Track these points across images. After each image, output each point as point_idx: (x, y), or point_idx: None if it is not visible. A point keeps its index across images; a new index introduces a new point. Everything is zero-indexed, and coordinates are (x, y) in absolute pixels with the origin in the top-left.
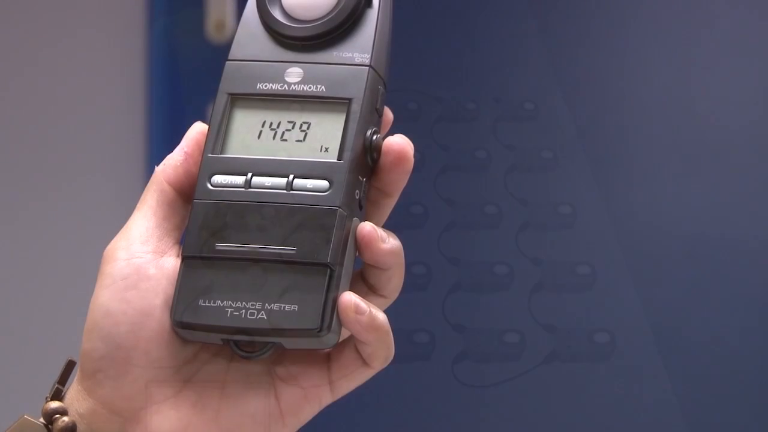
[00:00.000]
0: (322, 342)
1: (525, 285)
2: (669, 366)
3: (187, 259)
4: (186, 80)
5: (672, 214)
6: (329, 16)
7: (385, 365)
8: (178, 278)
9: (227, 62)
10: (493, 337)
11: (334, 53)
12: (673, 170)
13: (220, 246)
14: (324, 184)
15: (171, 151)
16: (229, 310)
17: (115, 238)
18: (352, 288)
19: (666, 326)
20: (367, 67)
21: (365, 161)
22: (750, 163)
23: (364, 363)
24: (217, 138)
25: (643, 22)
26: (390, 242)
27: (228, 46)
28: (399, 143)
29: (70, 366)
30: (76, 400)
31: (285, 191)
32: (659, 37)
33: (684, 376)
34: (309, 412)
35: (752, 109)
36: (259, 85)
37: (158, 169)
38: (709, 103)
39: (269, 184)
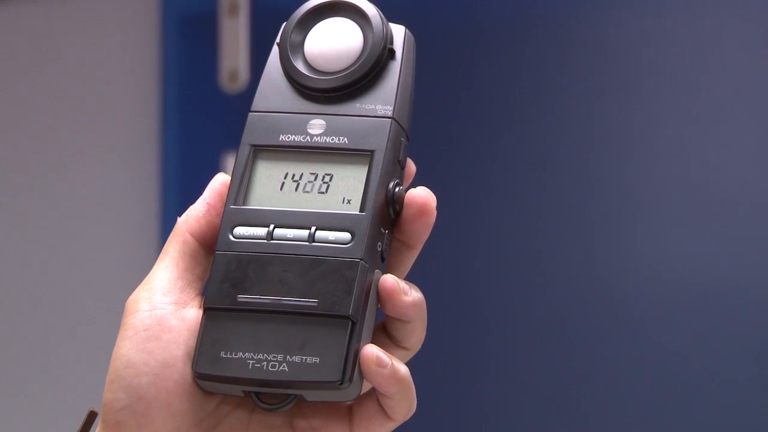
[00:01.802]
0: (343, 394)
1: (530, 331)
2: (675, 414)
3: (208, 311)
4: (199, 130)
5: (680, 263)
6: (352, 68)
7: (408, 418)
8: (199, 330)
9: (250, 113)
10: (495, 383)
11: (357, 105)
12: (680, 219)
13: (242, 298)
14: (346, 236)
15: (184, 200)
16: (251, 362)
17: (137, 289)
18: (374, 340)
19: (673, 375)
20: (390, 119)
21: (387, 213)
22: (758, 213)
23: (386, 415)
24: (240, 189)
25: (652, 74)
26: (412, 295)
27: (241, 95)
28: (421, 195)
29: (91, 417)
30: None
31: (307, 243)
32: (667, 87)
33: (690, 425)
34: None
35: (760, 159)
36: (281, 137)
37: (180, 220)
38: (718, 153)
39: (291, 236)
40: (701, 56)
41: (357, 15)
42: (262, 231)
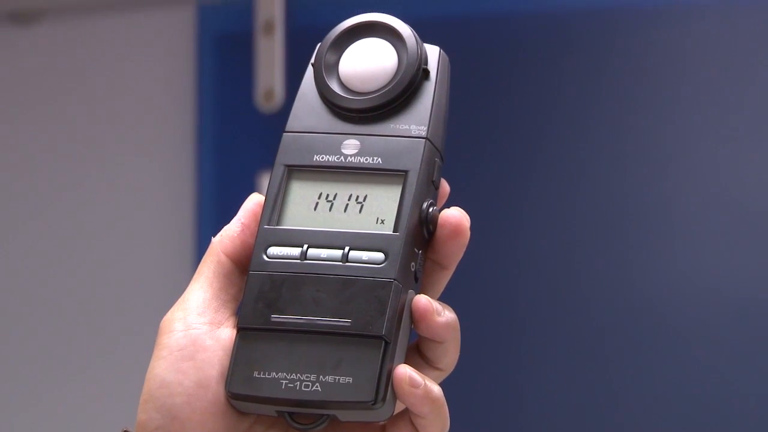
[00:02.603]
0: (376, 414)
1: (565, 349)
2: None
3: (242, 331)
4: (235, 149)
5: (720, 278)
6: (386, 89)
7: None
8: (233, 349)
9: (284, 134)
10: (535, 410)
11: (391, 125)
12: (720, 234)
13: (276, 317)
14: (380, 256)
15: (220, 219)
16: (284, 381)
17: (171, 309)
18: (408, 360)
19: (714, 392)
20: (424, 140)
21: (421, 233)
22: None
23: None
24: (274, 209)
25: (688, 90)
26: (446, 315)
27: (277, 115)
28: (455, 216)
29: None
30: None
31: (340, 263)
32: (703, 103)
33: None
34: None
35: None
36: (315, 157)
37: (215, 240)
38: (757, 167)
39: (325, 256)
40: (738, 72)
41: (391, 35)
42: (295, 251)
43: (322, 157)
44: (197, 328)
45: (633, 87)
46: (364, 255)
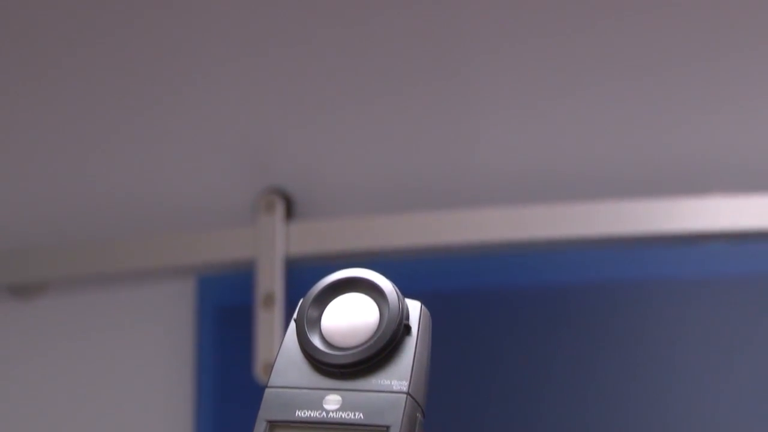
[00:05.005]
0: None
1: None
2: None
3: None
4: (234, 421)
5: None
6: (368, 344)
7: None
8: None
9: (266, 389)
10: None
11: (373, 380)
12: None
13: None
14: None
15: None
16: None
17: None
18: None
19: None
20: (405, 395)
21: None
22: None
23: None
24: None
25: (684, 364)
26: None
27: None
28: None
29: None
30: None
31: None
32: (699, 375)
33: None
34: None
35: None
36: (297, 413)
37: None
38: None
39: None
40: (732, 344)
41: (373, 291)
42: None
43: (304, 413)
44: None
45: (629, 361)
46: None
